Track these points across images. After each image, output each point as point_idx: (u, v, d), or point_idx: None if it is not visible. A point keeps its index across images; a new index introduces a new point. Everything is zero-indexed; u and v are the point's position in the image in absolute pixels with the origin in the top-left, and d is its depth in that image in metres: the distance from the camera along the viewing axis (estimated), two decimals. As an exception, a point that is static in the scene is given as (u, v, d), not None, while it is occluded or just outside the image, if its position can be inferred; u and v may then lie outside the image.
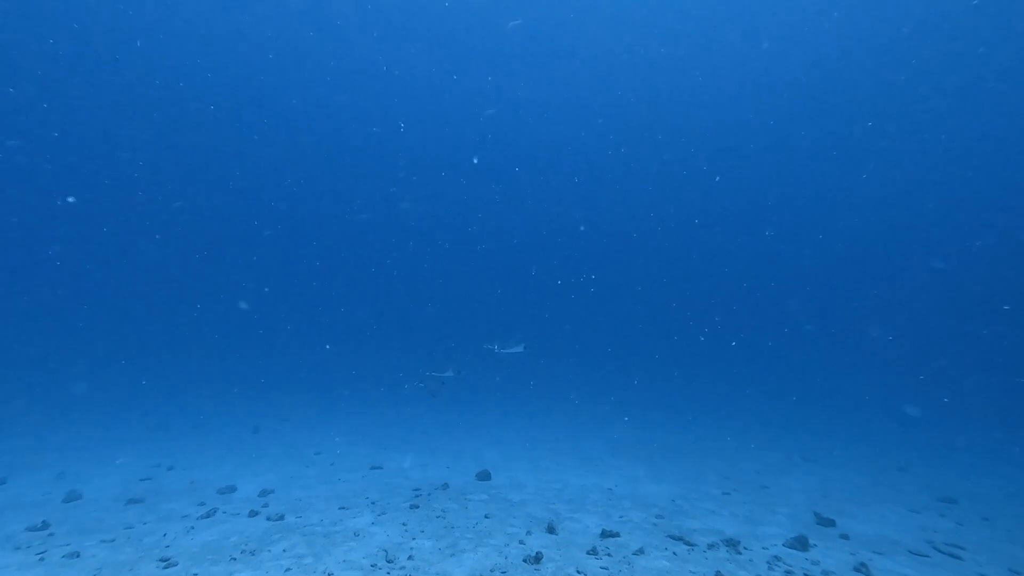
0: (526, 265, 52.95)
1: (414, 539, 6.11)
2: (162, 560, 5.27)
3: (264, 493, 7.94)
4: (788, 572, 5.61)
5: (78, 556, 5.35)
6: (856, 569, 5.82)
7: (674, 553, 6.03)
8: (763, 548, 6.41)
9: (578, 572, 5.31)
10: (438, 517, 6.95)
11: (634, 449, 12.66)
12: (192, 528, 6.31)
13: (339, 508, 7.26)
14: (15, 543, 5.80)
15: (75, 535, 6.04)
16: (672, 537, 6.56)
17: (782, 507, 8.35)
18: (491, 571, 5.27)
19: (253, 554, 5.50)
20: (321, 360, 35.80)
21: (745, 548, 6.34)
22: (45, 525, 6.31)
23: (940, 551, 6.67)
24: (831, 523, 7.49)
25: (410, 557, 5.56)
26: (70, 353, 30.65)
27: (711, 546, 6.31)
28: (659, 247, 47.68)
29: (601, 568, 5.45)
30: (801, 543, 6.53)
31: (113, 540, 5.84)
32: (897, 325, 41.94)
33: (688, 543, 6.37)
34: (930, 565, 6.18)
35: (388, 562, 5.44)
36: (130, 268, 41.25)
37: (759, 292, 47.10)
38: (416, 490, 8.37)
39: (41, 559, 5.30)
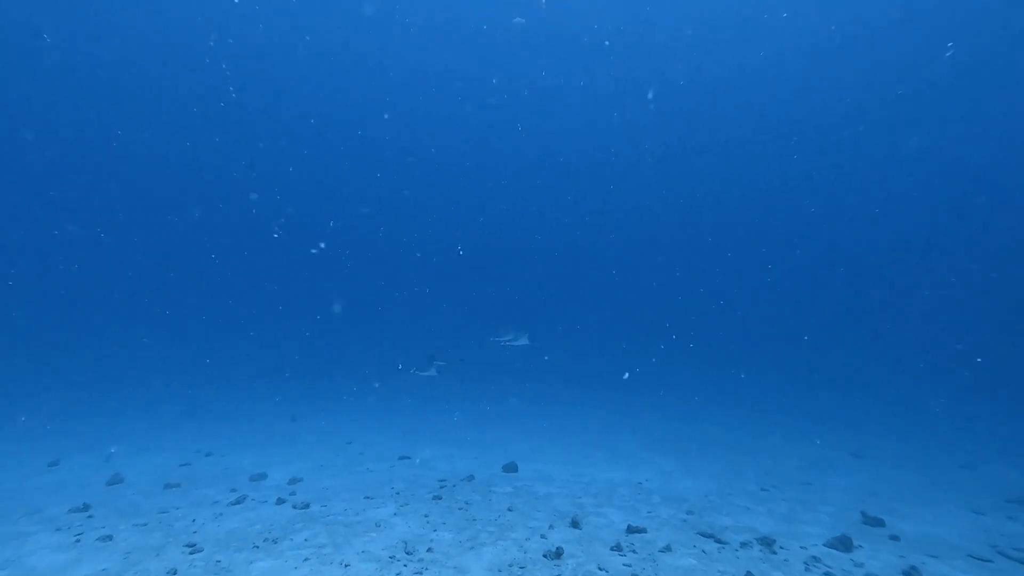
0: (553, 258, 52.54)
1: (435, 531, 6.05)
2: (188, 545, 5.40)
3: (293, 481, 8.09)
4: (827, 574, 5.21)
5: (111, 539, 5.56)
6: (905, 573, 5.35)
7: (703, 551, 5.73)
8: (801, 548, 6.01)
9: (600, 569, 5.11)
10: (460, 509, 6.88)
11: (668, 443, 12.26)
12: (221, 515, 6.47)
13: (364, 498, 7.31)
14: (56, 524, 6.10)
15: (112, 518, 6.30)
16: (702, 534, 6.25)
17: (825, 505, 7.84)
18: (509, 566, 5.13)
19: (275, 542, 5.57)
20: (358, 351, 36.70)
21: (781, 547, 5.96)
22: (86, 507, 6.62)
23: (1007, 556, 6.06)
24: (880, 523, 6.97)
25: (429, 549, 5.50)
26: (124, 342, 32.63)
27: (744, 544, 5.97)
28: (701, 238, 46.24)
29: (624, 565, 5.22)
30: (844, 543, 6.08)
31: (145, 524, 6.05)
32: (958, 313, 39.18)
33: (719, 541, 6.05)
34: (992, 571, 5.62)
35: (407, 554, 5.39)
36: (180, 262, 43.49)
37: (804, 282, 45.04)
38: (441, 481, 8.34)
39: (77, 541, 5.53)
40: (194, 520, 6.22)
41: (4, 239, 35.68)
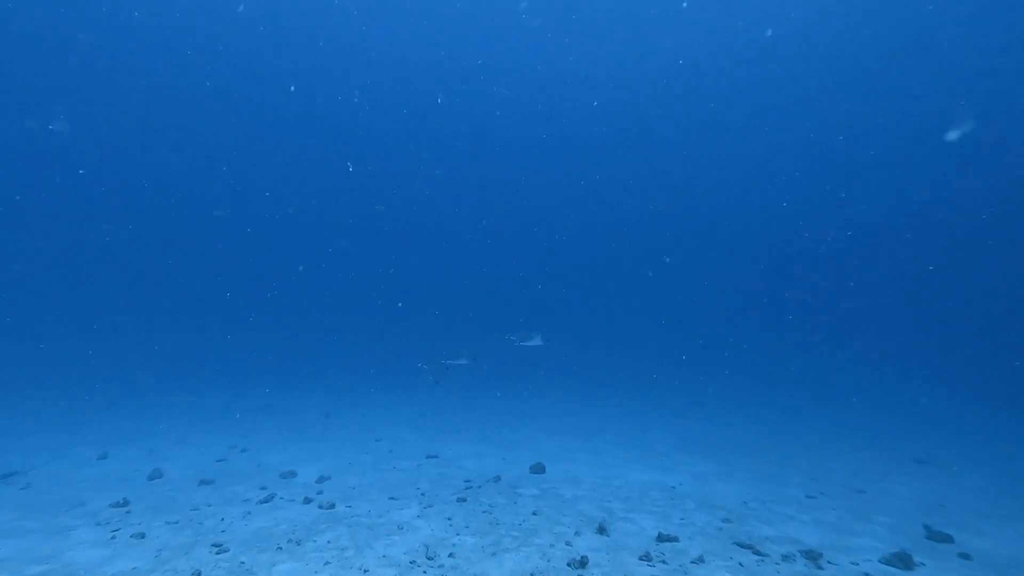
0: (589, 257, 51.88)
1: (458, 535, 5.91)
2: (215, 545, 5.47)
3: (321, 479, 8.16)
4: (882, 598, 4.74)
5: (143, 537, 5.71)
6: (975, 599, 4.81)
7: (740, 563, 5.34)
8: (852, 563, 5.52)
9: (626, 582, 4.82)
10: (484, 512, 6.72)
11: (705, 445, 11.72)
12: (249, 513, 6.55)
13: (389, 498, 7.26)
14: (97, 519, 6.34)
15: (148, 514, 6.49)
16: (739, 544, 5.84)
17: (882, 516, 7.23)
18: (531, 575, 4.92)
19: (299, 544, 5.57)
20: (391, 346, 37.33)
21: (829, 562, 5.49)
22: (125, 502, 6.86)
23: (1098, 582, 5.36)
24: (947, 539, 6.33)
25: (450, 555, 5.36)
26: (166, 337, 34.50)
27: (786, 557, 5.53)
28: (745, 233, 44.70)
29: (653, 578, 4.91)
30: (903, 560, 5.54)
31: (177, 522, 6.20)
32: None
33: (758, 552, 5.63)
34: (1081, 599, 4.98)
35: (428, 559, 5.27)
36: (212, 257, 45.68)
37: (859, 274, 42.61)
38: (467, 481, 8.21)
39: (113, 538, 5.71)
40: (223, 519, 6.32)
41: (43, 237, 38.33)
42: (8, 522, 6.27)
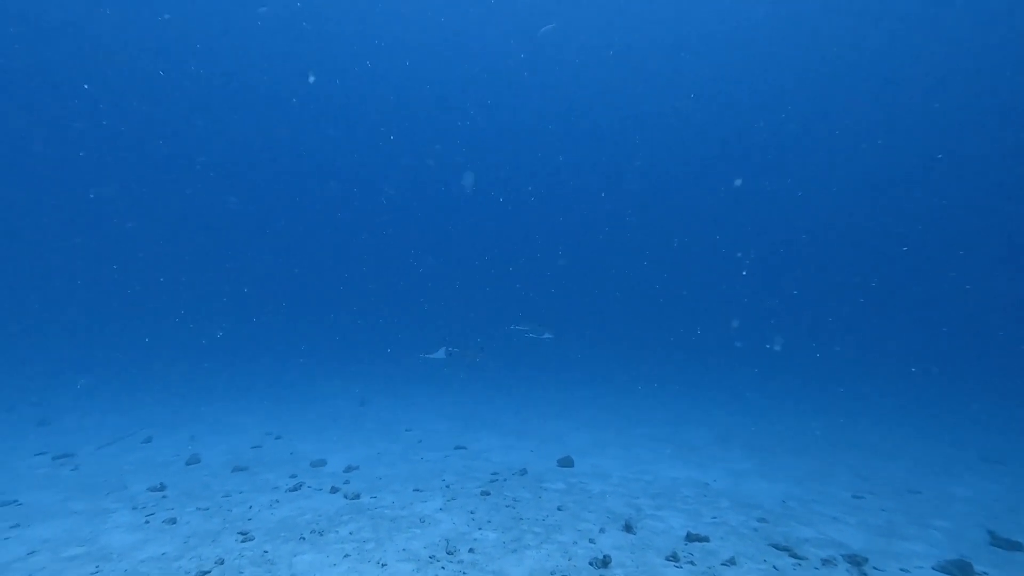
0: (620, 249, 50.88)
1: (479, 529, 5.82)
2: (241, 533, 5.58)
3: (349, 469, 8.25)
4: (937, 612, 4.31)
5: (175, 523, 5.90)
6: (1047, 618, 4.30)
7: (774, 567, 5.00)
8: (901, 570, 5.09)
9: (650, 584, 4.59)
10: (508, 507, 6.59)
11: (745, 439, 11.19)
12: (277, 501, 6.68)
13: (413, 490, 7.25)
14: (134, 503, 6.61)
15: (181, 499, 6.72)
16: (775, 547, 5.48)
17: (939, 519, 6.66)
18: (551, 574, 4.77)
19: (321, 534, 5.61)
20: (427, 336, 37.80)
21: (875, 568, 5.08)
22: (162, 487, 7.14)
23: None
24: (1016, 546, 5.74)
25: (471, 550, 5.27)
26: (214, 324, 36.17)
27: (826, 562, 5.14)
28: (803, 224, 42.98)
29: (680, 581, 4.66)
30: (961, 568, 5.06)
31: (207, 509, 6.38)
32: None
33: (795, 556, 5.27)
34: None
35: (447, 554, 5.19)
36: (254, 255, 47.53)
37: (916, 261, 39.95)
38: (493, 474, 8.11)
39: (147, 522, 5.93)
40: (250, 507, 6.46)
41: (90, 230, 40.57)
42: (57, 503, 6.63)
